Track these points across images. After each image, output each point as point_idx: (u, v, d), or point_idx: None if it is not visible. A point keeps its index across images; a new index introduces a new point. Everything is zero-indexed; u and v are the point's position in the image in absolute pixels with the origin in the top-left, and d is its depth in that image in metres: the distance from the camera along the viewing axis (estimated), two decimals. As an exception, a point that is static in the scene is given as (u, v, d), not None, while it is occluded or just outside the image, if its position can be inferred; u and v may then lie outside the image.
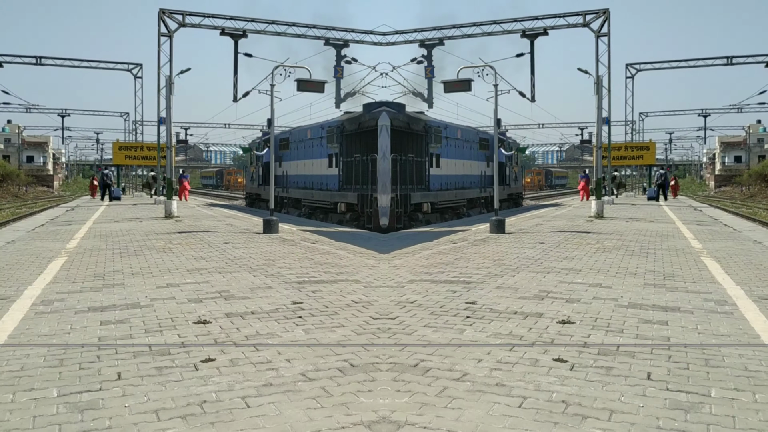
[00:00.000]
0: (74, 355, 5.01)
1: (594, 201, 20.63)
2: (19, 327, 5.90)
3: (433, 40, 30.36)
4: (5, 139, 69.68)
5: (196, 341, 5.36)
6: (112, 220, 19.48)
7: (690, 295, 7.34)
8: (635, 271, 9.02)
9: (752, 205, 35.74)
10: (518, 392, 4.14)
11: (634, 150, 37.44)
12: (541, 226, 16.51)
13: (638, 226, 16.80)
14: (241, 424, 3.64)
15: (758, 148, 70.87)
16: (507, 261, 10.05)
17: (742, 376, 4.49)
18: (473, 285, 7.91)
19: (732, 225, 17.93)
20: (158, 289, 7.67)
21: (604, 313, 6.37)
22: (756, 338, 5.50)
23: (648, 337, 5.48)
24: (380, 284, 8.05)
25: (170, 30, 26.36)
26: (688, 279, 8.45)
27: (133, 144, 39.24)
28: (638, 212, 22.93)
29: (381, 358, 4.87)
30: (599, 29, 26.60)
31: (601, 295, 7.32)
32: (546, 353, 5.01)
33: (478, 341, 5.35)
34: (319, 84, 17.75)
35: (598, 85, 22.65)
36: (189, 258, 10.35)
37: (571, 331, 5.69)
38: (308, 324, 5.93)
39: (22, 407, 3.93)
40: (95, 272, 9.03)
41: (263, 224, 14.88)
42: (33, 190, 60.04)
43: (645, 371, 4.57)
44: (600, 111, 22.20)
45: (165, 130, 22.79)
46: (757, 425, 3.65)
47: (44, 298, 7.20)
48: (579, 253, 11.02)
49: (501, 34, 29.43)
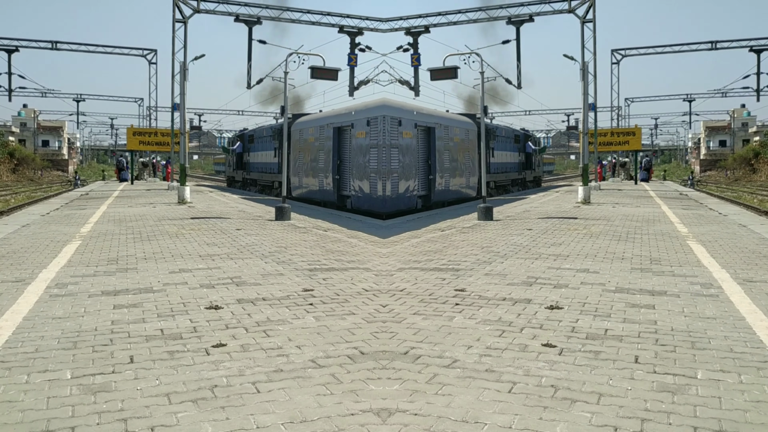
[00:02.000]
0: (87, 337, 5.06)
1: (581, 187, 20.73)
2: (34, 309, 5.97)
3: (419, 28, 30.24)
4: (21, 123, 69.50)
5: (208, 326, 5.40)
6: (125, 204, 19.56)
7: (676, 279, 7.41)
8: (622, 256, 9.10)
9: (737, 188, 36.07)
10: (508, 378, 4.18)
11: (620, 135, 37.61)
12: (529, 213, 16.58)
13: (625, 211, 16.92)
14: (252, 409, 3.66)
15: (742, 132, 71.38)
16: (495, 248, 10.09)
17: (728, 358, 4.55)
18: (462, 272, 7.95)
19: (717, 209, 18.10)
20: (171, 274, 7.73)
21: (591, 298, 6.43)
22: (741, 320, 5.57)
23: (635, 321, 5.54)
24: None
25: (185, 16, 26.24)
26: (674, 263, 8.53)
27: (147, 129, 39.19)
28: (625, 197, 23.07)
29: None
30: (584, 15, 26.63)
31: (588, 280, 7.38)
32: (535, 339, 5.05)
33: (467, 328, 5.39)
34: (332, 72, 17.66)
35: (584, 71, 22.69)
36: (201, 244, 10.43)
37: (560, 316, 5.74)
38: (319, 311, 5.96)
39: (36, 388, 3.97)
40: (109, 256, 9.12)
41: (275, 211, 14.96)
42: (48, 174, 60.07)
43: (633, 355, 4.62)
44: (586, 97, 22.26)
45: (179, 116, 22.96)
46: (742, 405, 3.71)
47: (58, 282, 7.29)
48: (567, 238, 11.09)
49: (487, 21, 29.40)
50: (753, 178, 50.80)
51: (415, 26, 30.27)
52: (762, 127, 65.64)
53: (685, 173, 70.27)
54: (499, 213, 16.26)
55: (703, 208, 18.42)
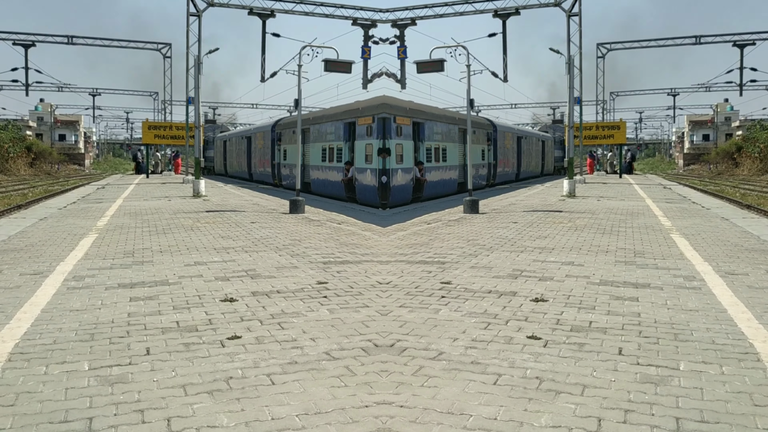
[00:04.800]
0: (105, 329, 5.07)
1: (566, 180, 20.83)
2: (52, 301, 5.99)
3: (406, 20, 30.16)
4: (38, 118, 69.29)
5: (223, 318, 5.42)
6: (141, 198, 19.55)
7: (660, 272, 7.48)
8: (606, 249, 9.16)
9: (720, 182, 36.44)
10: (493, 369, 4.21)
11: (605, 129, 37.82)
12: (514, 206, 16.65)
13: (609, 204, 17.03)
14: (266, 401, 3.68)
15: (725, 127, 72.04)
16: (481, 241, 10.13)
17: (710, 350, 4.61)
18: (448, 265, 7.97)
19: (700, 202, 18.28)
20: (186, 267, 7.74)
21: (576, 291, 6.48)
22: (723, 312, 5.64)
23: (619, 313, 5.59)
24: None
25: (199, 9, 26.07)
26: (657, 256, 8.61)
27: (162, 123, 39.03)
28: (609, 191, 23.23)
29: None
30: (570, 9, 26.68)
31: (573, 272, 7.43)
32: (520, 331, 5.08)
33: (453, 320, 5.41)
34: (346, 64, 17.57)
35: (570, 65, 22.78)
36: (216, 237, 10.44)
37: (545, 308, 5.78)
38: (333, 304, 5.97)
39: (55, 379, 3.99)
40: (125, 249, 9.13)
41: (289, 204, 14.97)
42: (65, 168, 59.97)
43: (616, 347, 4.67)
44: (572, 91, 22.35)
45: (193, 109, 22.94)
46: (723, 396, 3.76)
47: (76, 274, 7.30)
48: (552, 231, 11.15)
49: (473, 13, 29.38)
50: (735, 172, 51.33)
51: (401, 18, 30.20)
52: (744, 122, 66.27)
53: (669, 167, 70.85)
54: (484, 206, 16.31)
55: (686, 201, 18.59)
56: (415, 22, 30.15)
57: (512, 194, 21.92)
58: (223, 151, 39.92)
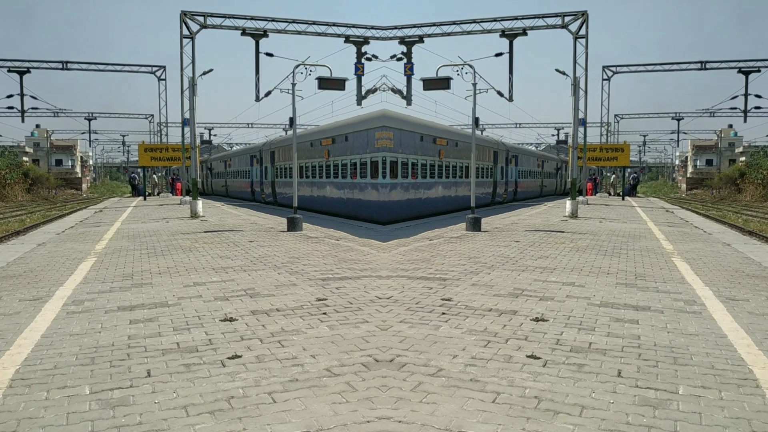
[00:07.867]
0: (105, 353, 5.06)
1: (569, 201, 20.86)
2: (52, 327, 5.96)
3: (413, 38, 30.39)
4: (34, 144, 69.45)
5: (223, 338, 5.42)
6: (139, 220, 19.57)
7: (660, 295, 7.48)
8: (608, 271, 9.17)
9: (722, 207, 36.43)
10: (492, 387, 4.21)
11: (609, 151, 37.92)
12: (517, 225, 16.67)
13: (611, 226, 17.04)
14: (268, 419, 3.68)
15: (729, 152, 72.12)
16: (482, 259, 10.14)
17: (709, 374, 4.60)
18: (449, 282, 7.98)
19: (702, 227, 18.27)
20: (185, 288, 7.73)
21: (576, 311, 6.48)
22: (723, 337, 5.64)
23: (619, 335, 5.59)
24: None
25: (192, 32, 26.48)
26: (658, 279, 8.61)
27: (158, 145, 39.26)
28: (612, 212, 23.24)
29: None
30: (577, 31, 26.89)
31: (574, 293, 7.44)
32: (520, 350, 5.08)
33: (453, 337, 5.42)
34: (339, 82, 17.70)
35: (575, 86, 22.88)
36: (215, 257, 10.46)
37: (545, 328, 5.78)
38: (332, 320, 5.98)
39: (56, 404, 3.98)
40: (124, 272, 9.10)
41: (287, 222, 15.03)
42: (62, 192, 59.80)
43: (616, 368, 4.67)
44: (576, 112, 22.44)
45: (189, 130, 23.15)
46: (722, 422, 3.76)
47: (75, 298, 7.27)
48: (553, 252, 11.16)
49: (481, 33, 29.59)
50: (738, 197, 51.31)
51: (409, 36, 30.41)
52: (748, 148, 66.37)
53: (672, 191, 70.87)
54: (487, 224, 16.33)
55: (688, 225, 18.59)
56: (422, 39, 30.39)
57: (514, 213, 21.94)
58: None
